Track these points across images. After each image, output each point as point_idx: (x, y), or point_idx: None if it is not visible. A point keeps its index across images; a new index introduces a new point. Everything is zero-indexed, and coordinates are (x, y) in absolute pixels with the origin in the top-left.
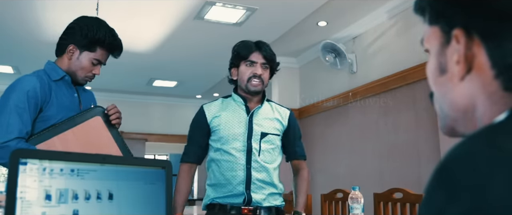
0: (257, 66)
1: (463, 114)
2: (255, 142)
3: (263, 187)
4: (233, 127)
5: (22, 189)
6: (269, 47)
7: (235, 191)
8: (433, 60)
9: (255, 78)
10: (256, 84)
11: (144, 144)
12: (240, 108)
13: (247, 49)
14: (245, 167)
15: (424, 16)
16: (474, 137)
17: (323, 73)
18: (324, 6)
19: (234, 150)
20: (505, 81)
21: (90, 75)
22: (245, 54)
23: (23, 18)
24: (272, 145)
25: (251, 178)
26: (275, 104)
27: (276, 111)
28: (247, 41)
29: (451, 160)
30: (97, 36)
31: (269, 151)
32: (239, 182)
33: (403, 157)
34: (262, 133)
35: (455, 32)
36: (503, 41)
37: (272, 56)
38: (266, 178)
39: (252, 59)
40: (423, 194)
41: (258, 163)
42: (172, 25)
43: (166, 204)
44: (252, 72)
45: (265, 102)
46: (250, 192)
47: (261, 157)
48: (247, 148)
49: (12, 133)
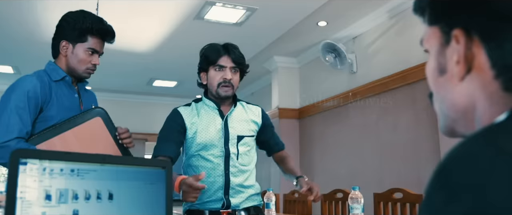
0: (226, 71)
1: (463, 114)
2: (233, 146)
3: (241, 190)
4: (209, 132)
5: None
6: (237, 49)
7: (214, 196)
8: (433, 61)
9: (225, 84)
10: (226, 89)
11: (144, 144)
12: (214, 113)
13: (215, 53)
14: (223, 172)
15: (423, 17)
16: (474, 138)
17: (323, 73)
18: (324, 6)
19: (212, 156)
20: (505, 82)
21: (90, 67)
22: (213, 59)
23: (23, 18)
24: (248, 147)
25: (230, 183)
26: (245, 104)
27: (249, 110)
28: (215, 45)
29: (451, 160)
30: (85, 25)
31: (246, 153)
32: (218, 188)
33: (403, 157)
34: (239, 136)
35: (454, 33)
36: (503, 41)
37: (241, 59)
38: (244, 181)
39: (221, 63)
40: (424, 194)
41: (236, 168)
42: (172, 25)
43: (166, 204)
44: (222, 77)
45: (237, 104)
46: (229, 197)
47: (239, 160)
48: (225, 153)
49: (12, 133)
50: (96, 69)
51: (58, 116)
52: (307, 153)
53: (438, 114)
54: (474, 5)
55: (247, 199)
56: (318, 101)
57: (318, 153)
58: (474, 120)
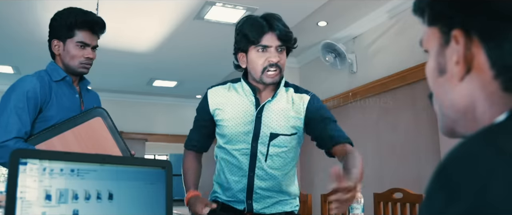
0: (271, 51)
1: (462, 114)
2: (262, 145)
3: (269, 196)
4: (237, 124)
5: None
6: (282, 22)
7: (236, 197)
8: (433, 61)
9: (271, 68)
10: (273, 75)
11: (144, 144)
12: (248, 100)
13: (257, 31)
14: (247, 174)
15: (423, 17)
16: (474, 138)
17: (323, 73)
18: (324, 6)
19: (237, 152)
20: (505, 82)
21: (84, 60)
22: (255, 38)
23: (23, 18)
24: (284, 148)
25: (254, 187)
26: (293, 91)
27: (295, 101)
28: (256, 19)
29: (451, 160)
30: (69, 20)
31: (279, 155)
32: (240, 190)
33: (403, 157)
34: (272, 134)
35: (454, 33)
36: (502, 41)
37: (288, 34)
38: (273, 186)
39: (264, 43)
40: (424, 194)
41: (264, 171)
42: (172, 25)
43: (166, 204)
44: (267, 60)
45: (280, 90)
46: (252, 202)
47: (268, 162)
48: (251, 151)
49: (11, 133)
50: (91, 63)
51: (57, 116)
52: (307, 153)
53: (438, 114)
54: (473, 5)
55: (277, 203)
56: None
57: (318, 153)
58: (474, 120)
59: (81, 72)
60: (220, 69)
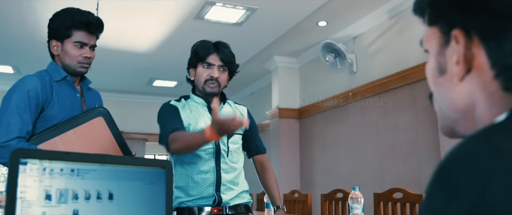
0: (214, 69)
1: (463, 114)
2: (223, 143)
3: (232, 188)
4: (200, 128)
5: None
6: (228, 49)
7: (205, 193)
8: (433, 61)
9: (211, 81)
10: (212, 86)
11: (144, 144)
12: (203, 109)
13: (205, 50)
14: (214, 169)
15: (423, 17)
16: (474, 138)
17: (323, 73)
18: (324, 6)
19: (203, 152)
20: (505, 82)
21: (82, 60)
22: (202, 56)
23: (23, 18)
24: (237, 145)
25: (221, 179)
26: (233, 103)
27: (236, 109)
28: (206, 42)
29: (451, 160)
30: (66, 20)
31: (235, 151)
32: (209, 184)
33: (403, 157)
34: None
35: (454, 33)
36: (503, 41)
37: (230, 59)
38: (234, 178)
39: (209, 61)
40: (424, 194)
41: (227, 164)
42: (172, 25)
43: (166, 204)
44: (209, 75)
45: (226, 102)
46: (220, 194)
47: (229, 157)
48: (215, 149)
49: (13, 133)
50: (90, 63)
51: (59, 115)
52: (307, 153)
53: (438, 114)
54: (473, 5)
55: (237, 196)
56: (318, 101)
57: (318, 153)
58: (474, 120)
59: (80, 72)
60: None
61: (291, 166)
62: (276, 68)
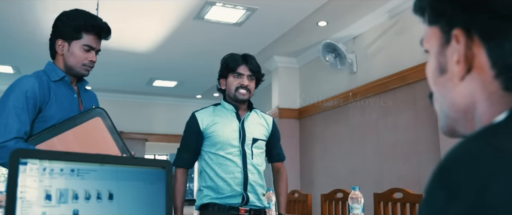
0: (243, 78)
1: (463, 114)
2: (248, 147)
3: (256, 188)
4: (227, 132)
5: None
6: (255, 60)
7: (234, 192)
8: (433, 60)
9: (242, 89)
10: (243, 93)
11: (144, 144)
12: (231, 115)
13: (235, 62)
14: (242, 169)
15: (423, 17)
16: (474, 137)
17: (323, 73)
18: (324, 6)
19: (230, 155)
20: (505, 81)
21: (88, 63)
22: (233, 67)
23: (23, 18)
24: (261, 150)
25: (248, 179)
26: (260, 112)
27: (262, 117)
28: (235, 55)
29: (451, 160)
30: (78, 22)
31: (259, 155)
32: (238, 183)
33: (403, 157)
34: (254, 139)
35: (455, 32)
36: (503, 40)
37: (257, 69)
38: (259, 179)
39: (239, 71)
40: (423, 194)
41: (252, 166)
42: (172, 25)
43: (166, 204)
44: (239, 83)
45: (253, 110)
46: (247, 192)
47: (254, 160)
48: (242, 152)
49: (11, 133)
50: (93, 66)
51: (57, 116)
52: (307, 153)
53: (439, 113)
54: (474, 4)
55: (260, 198)
56: (318, 101)
57: (318, 153)
58: (474, 119)
59: (82, 74)
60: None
61: (291, 166)
62: (276, 68)
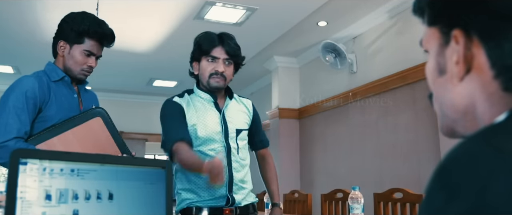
0: (219, 63)
1: (462, 114)
2: (232, 141)
3: (242, 186)
4: (209, 126)
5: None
6: (233, 40)
7: (218, 194)
8: (432, 61)
9: (216, 76)
10: (218, 80)
11: (144, 144)
12: (210, 105)
13: (209, 43)
14: (227, 168)
15: (423, 17)
16: (474, 138)
17: (323, 73)
18: (324, 6)
19: (213, 152)
20: (505, 82)
21: (86, 68)
22: (207, 49)
23: (23, 18)
24: (245, 141)
25: (233, 179)
26: (238, 97)
27: (241, 103)
28: (210, 34)
29: (451, 160)
30: (82, 27)
31: (244, 147)
32: (222, 185)
33: (403, 157)
34: (237, 130)
35: (454, 33)
36: (503, 41)
37: (236, 51)
38: (244, 176)
39: (214, 54)
40: (423, 194)
41: (238, 163)
42: (172, 25)
43: (166, 204)
44: (214, 69)
45: (232, 97)
46: (233, 194)
47: (240, 154)
48: (226, 148)
49: (11, 133)
50: (92, 72)
51: (57, 116)
52: (307, 153)
53: (438, 114)
54: (473, 5)
55: (248, 195)
56: (318, 101)
57: (318, 153)
58: (474, 120)
59: (79, 78)
60: None
61: (291, 166)
62: (276, 68)
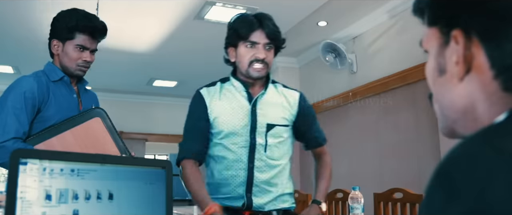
0: (259, 48)
1: (462, 114)
2: (260, 136)
3: (268, 190)
4: (233, 118)
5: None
6: (272, 21)
7: (234, 193)
8: (432, 61)
9: (257, 63)
10: (259, 69)
11: (144, 144)
12: (240, 95)
13: (247, 27)
14: (247, 166)
15: (423, 18)
16: (473, 138)
17: (323, 73)
18: (324, 6)
19: (235, 146)
20: (504, 82)
21: (82, 63)
22: (244, 34)
23: (23, 18)
24: (280, 138)
25: (253, 179)
26: (281, 87)
27: (283, 95)
28: (247, 16)
29: (451, 161)
30: (71, 22)
31: (276, 145)
32: (239, 184)
33: (403, 157)
34: (268, 125)
35: (454, 33)
36: (502, 41)
37: (276, 34)
38: (272, 178)
39: (253, 39)
40: (423, 194)
41: (263, 161)
42: (172, 25)
43: (166, 204)
44: (254, 56)
45: (270, 85)
46: (251, 196)
47: (268, 153)
48: (250, 143)
49: (9, 133)
50: (89, 66)
51: (56, 116)
52: (307, 153)
53: (438, 114)
54: (473, 5)
55: (276, 199)
56: (318, 101)
57: None
58: (474, 120)
59: (77, 74)
60: (220, 69)
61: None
62: (276, 68)
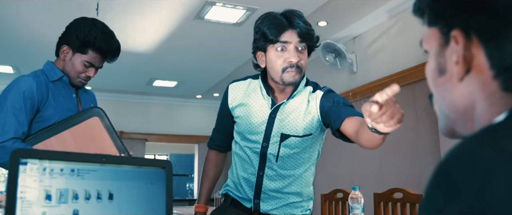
0: (290, 51)
1: (462, 114)
2: (273, 145)
3: (278, 197)
4: (252, 122)
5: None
6: (303, 18)
7: (245, 195)
8: (432, 61)
9: (291, 69)
10: (293, 74)
11: (144, 144)
12: (265, 99)
13: (276, 29)
14: (256, 172)
15: (423, 18)
16: (473, 138)
17: (323, 73)
18: (324, 6)
19: (249, 150)
20: (504, 82)
21: (84, 77)
22: (274, 36)
23: (23, 18)
24: (296, 149)
25: (262, 187)
26: (310, 91)
27: (307, 102)
28: (275, 16)
29: (451, 161)
30: (88, 38)
31: (291, 156)
32: (249, 188)
33: (403, 156)
34: (283, 135)
35: (454, 33)
36: (502, 41)
37: (309, 32)
38: (284, 187)
39: (283, 39)
40: (423, 194)
41: (274, 171)
42: (172, 25)
43: (166, 204)
44: (286, 61)
45: (299, 90)
46: (259, 202)
47: (280, 163)
48: (261, 151)
49: (8, 133)
50: (89, 81)
51: (55, 116)
52: None
53: (438, 114)
54: (473, 5)
55: (285, 206)
56: None
57: None
58: (473, 120)
59: (76, 85)
60: (220, 69)
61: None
62: None
